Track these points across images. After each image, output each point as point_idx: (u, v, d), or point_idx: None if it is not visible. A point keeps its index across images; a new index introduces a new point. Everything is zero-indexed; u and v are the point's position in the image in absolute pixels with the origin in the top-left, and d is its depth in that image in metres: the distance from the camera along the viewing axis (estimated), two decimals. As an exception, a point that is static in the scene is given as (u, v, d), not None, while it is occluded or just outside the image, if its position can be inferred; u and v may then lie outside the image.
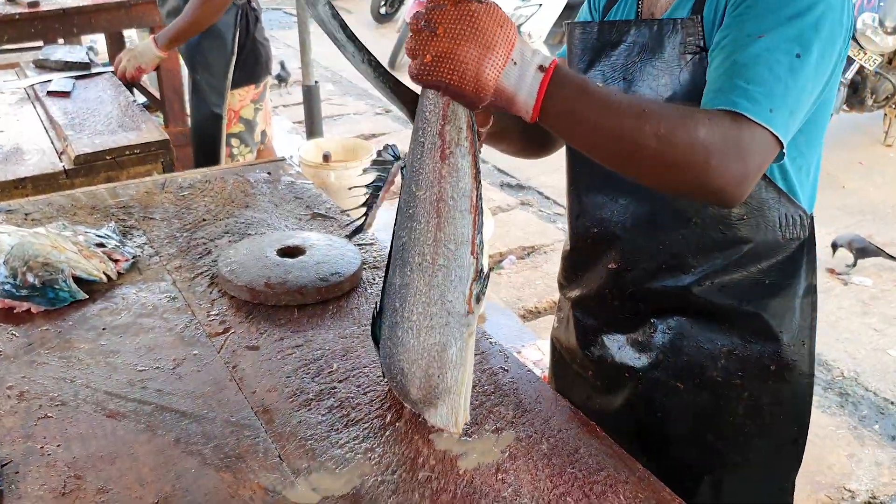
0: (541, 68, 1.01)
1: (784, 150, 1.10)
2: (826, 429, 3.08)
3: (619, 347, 1.46)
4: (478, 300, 1.15)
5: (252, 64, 3.36)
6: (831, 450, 2.97)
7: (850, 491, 2.78)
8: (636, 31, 1.30)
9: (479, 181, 1.12)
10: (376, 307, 1.26)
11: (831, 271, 4.16)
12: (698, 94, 1.15)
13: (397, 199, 1.19)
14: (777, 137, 1.08)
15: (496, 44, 0.99)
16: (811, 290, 1.35)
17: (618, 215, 1.39)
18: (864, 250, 4.09)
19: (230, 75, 3.26)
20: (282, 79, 7.23)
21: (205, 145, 3.37)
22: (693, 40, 1.22)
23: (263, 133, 3.59)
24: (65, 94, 3.00)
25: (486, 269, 1.15)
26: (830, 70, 1.15)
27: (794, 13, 1.10)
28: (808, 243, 1.32)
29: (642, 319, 1.42)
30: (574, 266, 1.55)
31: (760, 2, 1.13)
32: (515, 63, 1.00)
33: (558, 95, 1.02)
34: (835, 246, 4.11)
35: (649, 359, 1.42)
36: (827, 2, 1.11)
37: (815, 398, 3.17)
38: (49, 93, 2.97)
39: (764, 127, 1.06)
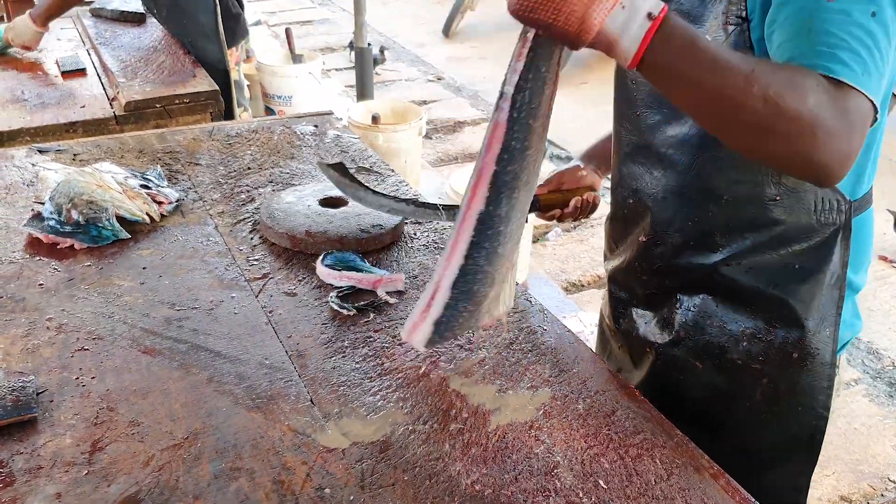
0: (649, 16, 0.93)
1: (878, 118, 1.02)
2: (873, 418, 3.00)
3: (646, 322, 1.45)
4: None
5: (233, 25, 3.32)
6: (877, 439, 2.89)
7: (893, 482, 2.70)
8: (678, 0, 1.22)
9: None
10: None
11: (884, 258, 4.03)
12: None
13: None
14: (874, 104, 1.00)
15: None
16: (841, 278, 1.28)
17: (651, 187, 1.36)
18: None
19: (221, 29, 3.19)
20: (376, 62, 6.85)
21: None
22: (735, 10, 1.14)
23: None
24: (81, 72, 2.84)
25: None
26: None
27: None
28: (844, 229, 1.25)
29: (668, 295, 1.40)
30: (613, 238, 1.54)
31: None
32: (624, 7, 0.92)
33: (663, 47, 0.94)
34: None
35: (670, 335, 1.40)
36: None
37: (862, 387, 3.11)
38: (63, 73, 2.80)
39: (863, 94, 0.98)
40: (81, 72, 2.81)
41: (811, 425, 1.35)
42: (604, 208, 1.60)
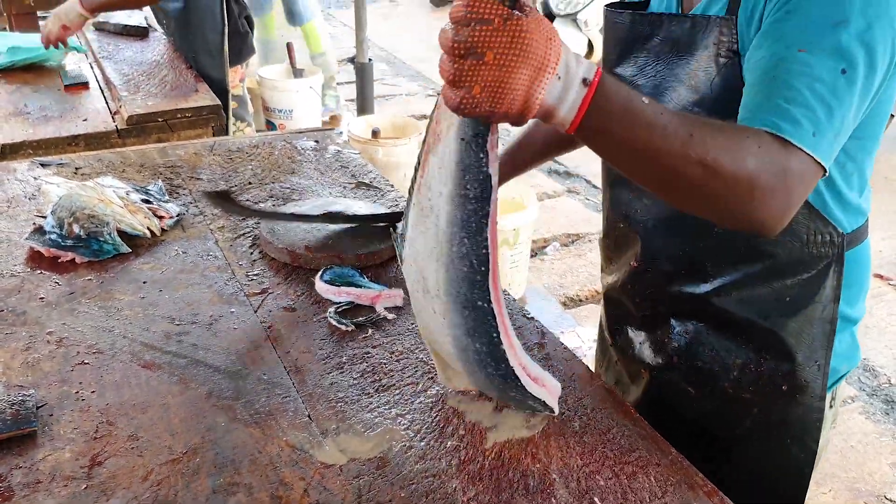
0: (584, 82, 0.91)
1: (826, 174, 1.03)
2: (869, 436, 3.00)
3: (640, 343, 1.45)
4: None
5: (239, 44, 3.37)
6: (873, 457, 2.89)
7: (890, 500, 2.70)
8: (668, 27, 1.23)
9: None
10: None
11: (879, 276, 4.04)
12: (730, 101, 1.08)
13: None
14: (820, 164, 1.00)
15: (547, 63, 0.88)
16: (834, 311, 1.27)
17: (641, 214, 1.36)
18: None
19: (226, 48, 3.22)
20: None
21: None
22: (727, 42, 1.14)
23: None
24: (84, 86, 2.87)
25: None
26: (882, 77, 1.06)
27: (838, 20, 1.00)
28: (837, 262, 1.24)
29: (662, 319, 1.39)
30: (607, 255, 1.54)
31: (802, 6, 1.03)
32: (560, 78, 0.90)
33: (600, 112, 0.92)
34: None
35: (664, 359, 1.40)
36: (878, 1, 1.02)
37: (859, 404, 3.12)
38: (66, 86, 2.83)
39: (808, 154, 0.99)
40: (84, 85, 2.84)
41: (800, 458, 1.34)
42: (599, 225, 1.60)
